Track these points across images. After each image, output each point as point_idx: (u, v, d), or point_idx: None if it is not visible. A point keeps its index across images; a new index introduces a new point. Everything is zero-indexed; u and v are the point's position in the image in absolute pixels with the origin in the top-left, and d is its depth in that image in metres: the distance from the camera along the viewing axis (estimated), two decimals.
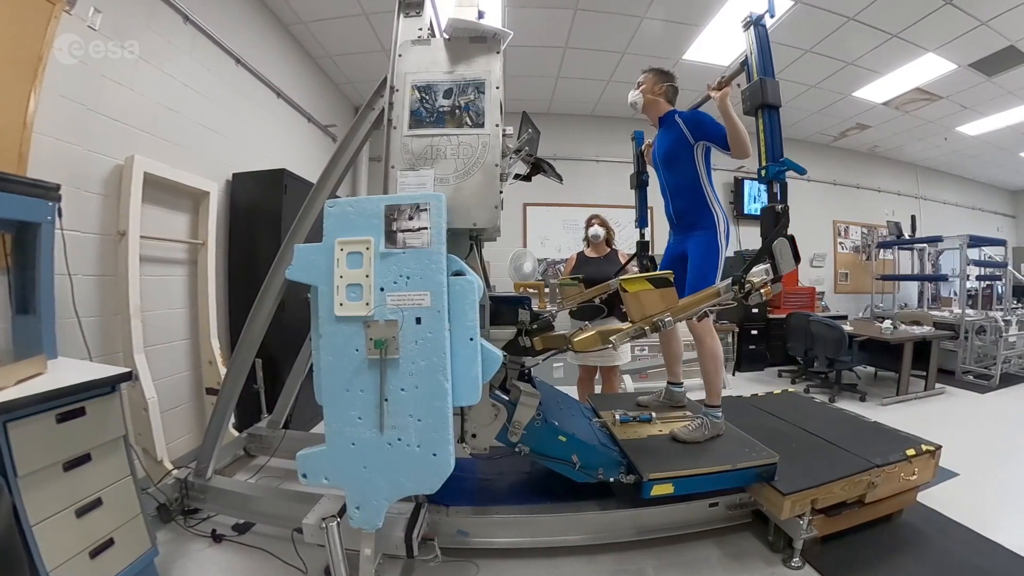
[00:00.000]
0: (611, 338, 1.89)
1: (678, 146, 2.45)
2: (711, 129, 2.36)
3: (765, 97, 1.88)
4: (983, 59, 4.69)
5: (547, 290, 2.56)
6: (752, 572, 2.04)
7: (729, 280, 1.90)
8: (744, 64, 2.02)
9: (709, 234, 2.39)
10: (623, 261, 3.41)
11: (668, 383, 2.84)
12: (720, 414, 2.39)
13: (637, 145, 3.00)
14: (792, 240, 1.82)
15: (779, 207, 1.89)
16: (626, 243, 6.54)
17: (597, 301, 2.78)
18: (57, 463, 1.54)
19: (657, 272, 1.90)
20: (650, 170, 2.89)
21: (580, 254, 3.63)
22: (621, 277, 1.96)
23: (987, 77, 5.06)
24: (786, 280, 2.53)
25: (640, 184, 3.08)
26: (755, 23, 1.97)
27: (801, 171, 1.94)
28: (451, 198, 1.67)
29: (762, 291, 1.84)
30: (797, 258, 1.82)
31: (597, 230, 3.50)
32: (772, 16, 1.96)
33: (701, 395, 2.55)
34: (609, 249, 3.56)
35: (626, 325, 1.90)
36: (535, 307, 2.23)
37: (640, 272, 2.87)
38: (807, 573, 2.02)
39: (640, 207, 3.09)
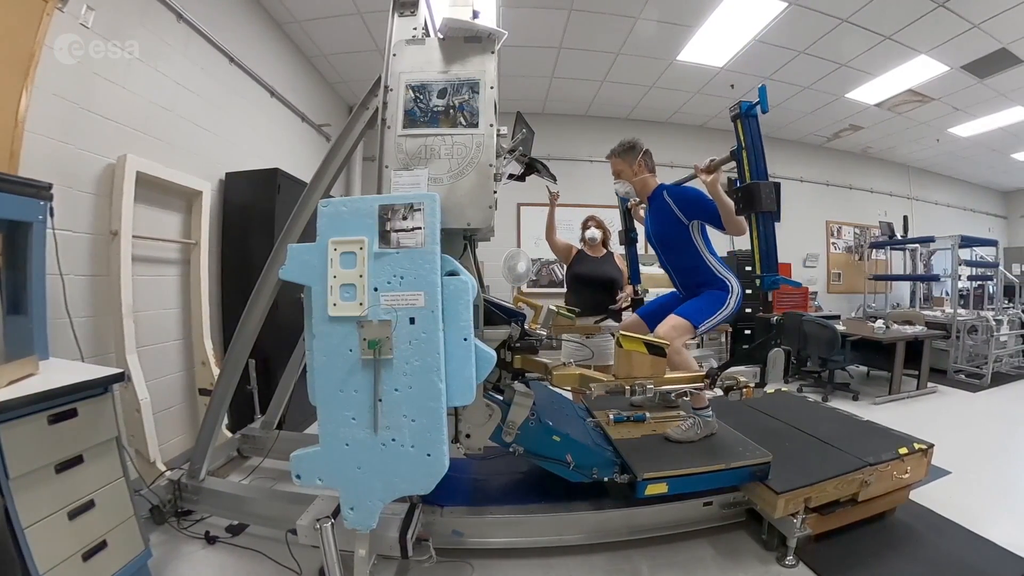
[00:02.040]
0: (591, 385, 1.90)
1: (673, 227, 2.39)
2: (703, 208, 2.29)
3: (759, 205, 1.79)
4: (975, 61, 4.74)
5: (544, 313, 2.56)
6: (746, 571, 2.05)
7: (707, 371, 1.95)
8: (734, 154, 1.92)
9: (722, 294, 2.34)
10: (619, 264, 3.46)
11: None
12: (710, 414, 2.39)
13: (623, 203, 2.97)
14: (788, 354, 1.83)
15: (774, 319, 1.90)
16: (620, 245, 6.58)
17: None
18: (49, 465, 1.52)
19: (656, 340, 1.91)
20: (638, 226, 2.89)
21: (580, 251, 3.64)
22: (621, 332, 1.97)
23: (979, 79, 5.11)
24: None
25: (629, 241, 3.06)
26: (744, 115, 1.84)
27: (797, 286, 1.94)
28: (445, 198, 1.67)
29: (743, 391, 1.88)
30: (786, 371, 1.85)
31: (594, 232, 3.52)
32: (765, 112, 1.84)
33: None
34: (605, 251, 3.57)
35: (607, 377, 1.91)
36: (527, 325, 2.23)
37: (633, 306, 2.89)
38: (801, 571, 2.03)
39: (632, 263, 3.10)
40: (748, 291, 2.04)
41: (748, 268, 1.89)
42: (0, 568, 1.26)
